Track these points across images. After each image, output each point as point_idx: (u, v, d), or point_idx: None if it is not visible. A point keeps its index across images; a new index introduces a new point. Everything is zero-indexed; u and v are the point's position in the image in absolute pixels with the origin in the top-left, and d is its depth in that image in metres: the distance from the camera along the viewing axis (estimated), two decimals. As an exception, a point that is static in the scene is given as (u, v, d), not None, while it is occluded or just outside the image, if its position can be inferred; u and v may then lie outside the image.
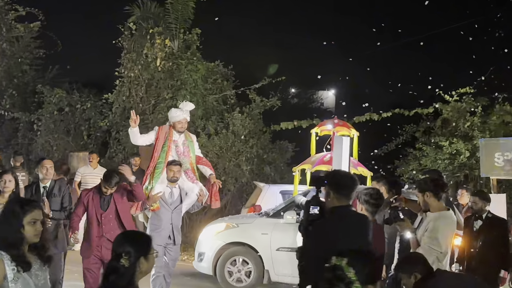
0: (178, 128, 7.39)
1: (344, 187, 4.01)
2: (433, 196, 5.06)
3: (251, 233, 8.86)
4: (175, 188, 7.21)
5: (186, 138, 7.49)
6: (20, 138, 16.08)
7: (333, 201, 3.99)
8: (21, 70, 17.65)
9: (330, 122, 11.39)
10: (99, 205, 6.43)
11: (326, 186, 4.06)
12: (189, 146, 7.45)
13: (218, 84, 15.35)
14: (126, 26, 14.95)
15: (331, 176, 4.16)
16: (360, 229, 4.04)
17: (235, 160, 13.60)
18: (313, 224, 4.01)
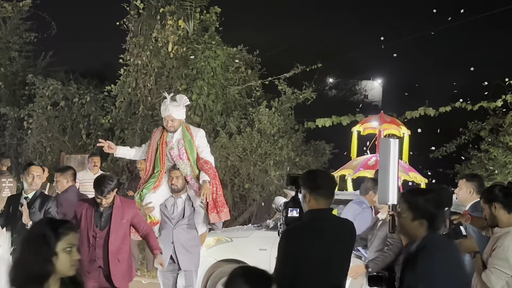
0: (165, 126, 7.17)
1: (321, 188, 4.18)
2: (502, 208, 5.03)
3: (247, 249, 8.74)
4: (179, 199, 7.05)
5: (183, 137, 7.16)
6: (7, 138, 16.35)
7: (311, 203, 4.17)
8: (9, 57, 18.01)
9: (375, 119, 11.46)
10: (92, 221, 6.08)
11: (302, 187, 4.25)
12: (187, 146, 7.10)
13: (241, 73, 15.44)
14: (132, 5, 15.13)
15: (306, 176, 4.32)
16: (341, 235, 4.21)
17: (262, 164, 13.68)
18: (284, 229, 4.20)
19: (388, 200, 5.23)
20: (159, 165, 7.04)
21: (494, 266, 4.82)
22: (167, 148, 7.07)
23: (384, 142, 5.35)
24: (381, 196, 5.33)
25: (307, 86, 15.06)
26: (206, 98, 14.42)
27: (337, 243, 4.15)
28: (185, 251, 6.99)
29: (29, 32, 18.43)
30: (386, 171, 5.28)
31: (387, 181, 5.26)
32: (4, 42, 17.95)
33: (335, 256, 4.13)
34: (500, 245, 4.88)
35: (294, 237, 4.08)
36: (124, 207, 6.19)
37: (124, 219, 6.15)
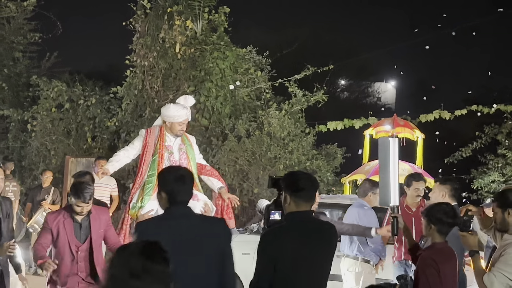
0: (177, 130, 6.98)
1: (302, 190, 4.20)
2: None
3: None
4: None
5: (183, 142, 7.10)
6: (10, 141, 16.45)
7: (291, 205, 4.20)
8: (13, 58, 18.14)
9: (388, 122, 11.46)
10: (73, 234, 5.75)
11: (283, 189, 4.28)
12: (187, 152, 7.07)
13: (250, 75, 15.47)
14: (139, 5, 15.22)
15: (287, 178, 4.35)
16: (321, 238, 4.24)
17: (271, 168, 13.69)
18: (263, 232, 4.25)
19: (390, 201, 5.22)
20: (156, 169, 6.75)
21: (500, 270, 4.82)
22: (167, 152, 6.93)
23: (383, 142, 5.34)
24: (382, 198, 5.33)
25: (318, 88, 15.06)
26: (215, 100, 14.46)
27: (317, 246, 4.17)
28: None
29: (34, 32, 18.57)
30: (387, 171, 5.26)
31: (387, 182, 5.26)
32: (8, 42, 18.09)
33: (315, 259, 4.16)
34: (510, 252, 4.85)
35: (273, 240, 4.12)
36: (99, 215, 5.93)
37: (101, 229, 5.90)
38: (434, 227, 4.82)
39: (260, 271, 4.10)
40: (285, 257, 4.04)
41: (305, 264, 4.10)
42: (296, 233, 4.14)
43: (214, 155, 13.94)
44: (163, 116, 7.08)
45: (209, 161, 14.02)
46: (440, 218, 4.82)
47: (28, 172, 15.84)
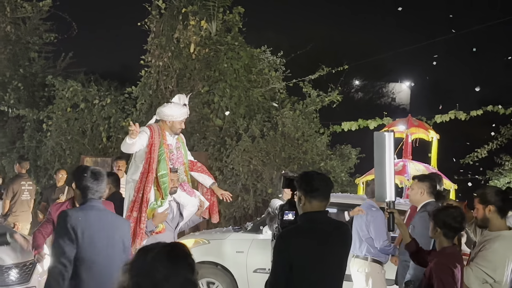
0: (177, 129, 7.00)
1: (316, 191, 4.22)
2: (497, 212, 5.11)
3: (224, 251, 8.97)
4: (172, 201, 6.99)
5: (179, 140, 7.16)
6: (26, 140, 16.57)
7: (306, 206, 4.23)
8: (28, 58, 18.28)
9: (403, 122, 11.42)
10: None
11: (297, 189, 4.31)
12: (183, 150, 7.17)
13: (264, 75, 15.50)
14: (154, 5, 15.28)
15: (301, 178, 4.37)
16: (336, 238, 4.26)
17: (285, 169, 13.69)
18: (279, 232, 4.28)
19: (386, 197, 5.21)
20: (166, 168, 6.78)
21: (477, 265, 4.89)
22: (168, 151, 6.94)
23: (378, 137, 5.30)
24: (378, 193, 5.31)
25: (332, 89, 15.06)
26: (229, 100, 14.49)
27: (332, 246, 4.20)
28: None
29: (49, 33, 18.71)
30: (382, 167, 5.21)
31: (383, 177, 5.22)
32: (24, 42, 18.23)
33: (330, 259, 4.18)
34: (489, 248, 4.95)
35: (288, 240, 4.14)
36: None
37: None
38: (440, 231, 4.79)
39: (276, 271, 4.12)
40: (301, 257, 4.06)
41: (321, 264, 4.13)
42: (311, 234, 4.16)
43: (228, 155, 13.97)
44: (163, 115, 7.02)
45: (223, 161, 14.09)
46: (447, 222, 4.80)
47: (44, 171, 15.94)
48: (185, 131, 14.52)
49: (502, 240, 4.99)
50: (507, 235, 5.05)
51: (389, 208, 5.20)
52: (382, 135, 5.26)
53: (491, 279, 4.88)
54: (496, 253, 4.93)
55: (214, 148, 14.45)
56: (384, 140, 5.23)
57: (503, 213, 5.14)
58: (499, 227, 5.08)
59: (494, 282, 4.89)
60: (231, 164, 13.85)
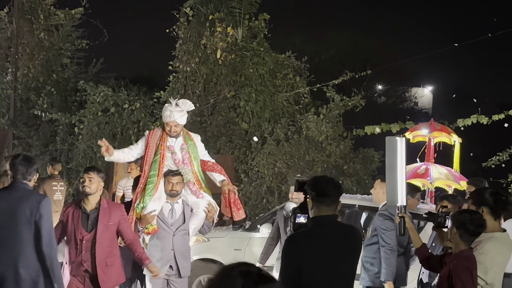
0: (167, 130, 6.87)
1: (324, 195, 4.17)
2: (489, 213, 5.00)
3: (222, 249, 9.04)
4: (177, 204, 6.83)
5: (186, 141, 6.95)
6: (59, 143, 16.71)
7: (315, 210, 4.19)
8: (61, 64, 18.47)
9: (425, 126, 11.33)
10: (79, 223, 5.89)
11: (308, 193, 4.26)
12: (190, 151, 6.92)
13: (289, 80, 15.50)
14: (182, 12, 15.37)
15: (311, 182, 4.32)
16: (345, 242, 4.20)
17: (309, 171, 13.68)
18: (288, 235, 4.23)
19: (397, 201, 5.13)
20: (157, 169, 6.76)
21: None
22: (170, 152, 6.83)
23: (390, 141, 5.22)
24: (389, 197, 5.23)
25: (356, 93, 15.01)
26: (254, 104, 14.51)
27: (342, 250, 4.15)
28: (183, 258, 6.82)
29: (81, 39, 18.88)
30: (394, 171, 5.13)
31: (395, 181, 5.14)
32: (57, 49, 18.42)
33: (339, 263, 4.13)
34: (480, 249, 4.84)
35: (297, 244, 4.10)
36: (111, 210, 6.01)
37: (111, 222, 5.96)
38: (457, 232, 4.69)
39: (284, 275, 4.07)
40: (310, 261, 4.01)
41: (330, 267, 4.08)
42: (320, 237, 4.11)
43: (254, 158, 13.98)
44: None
45: (249, 163, 14.10)
46: (465, 225, 4.68)
47: (75, 173, 16.05)
48: (212, 135, 14.72)
49: (494, 241, 4.88)
50: (499, 237, 4.96)
51: (400, 212, 5.13)
52: (394, 140, 5.19)
53: (482, 281, 4.76)
54: (487, 254, 4.82)
55: (240, 151, 14.47)
56: (396, 144, 5.16)
57: (496, 214, 5.05)
58: (492, 229, 4.95)
59: (486, 284, 4.79)
60: (256, 166, 13.86)
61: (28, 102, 17.65)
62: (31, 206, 5.23)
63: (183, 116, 6.81)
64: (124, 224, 6.12)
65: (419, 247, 5.14)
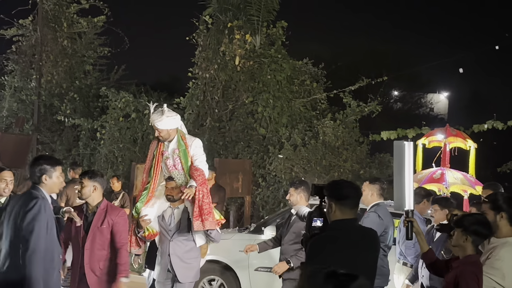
0: (155, 135, 6.84)
1: (347, 198, 4.17)
2: (507, 219, 4.93)
3: (227, 250, 9.05)
4: (177, 209, 6.73)
5: (178, 147, 6.76)
6: (81, 148, 16.86)
7: (336, 213, 4.16)
8: (84, 71, 18.66)
9: (441, 132, 11.27)
10: (81, 225, 5.86)
11: (326, 197, 4.25)
12: (181, 155, 6.73)
13: (306, 86, 15.51)
14: (201, 20, 15.44)
15: (330, 186, 4.32)
16: (366, 244, 4.21)
17: (326, 176, 13.66)
18: (312, 239, 4.18)
19: (405, 205, 5.09)
20: (152, 175, 6.74)
21: (486, 274, 4.69)
22: (163, 158, 6.74)
23: (398, 146, 5.16)
24: (396, 202, 5.20)
25: (372, 99, 14.97)
26: (272, 110, 14.53)
27: (363, 253, 4.16)
28: (182, 263, 6.65)
29: (103, 47, 19.05)
30: (401, 175, 5.06)
31: (402, 186, 5.09)
32: (80, 56, 18.60)
33: (361, 266, 4.10)
34: (496, 255, 4.75)
35: (321, 247, 4.10)
36: (108, 212, 5.92)
37: (104, 225, 5.85)
38: (470, 239, 4.57)
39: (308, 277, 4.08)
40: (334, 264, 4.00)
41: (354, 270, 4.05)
42: (343, 241, 4.12)
43: (271, 163, 13.98)
44: None
45: (266, 168, 14.11)
46: (476, 230, 4.59)
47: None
48: (230, 140, 14.75)
49: (509, 246, 4.78)
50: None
51: (407, 217, 5.10)
52: (402, 144, 5.14)
53: (500, 286, 4.69)
54: (503, 260, 4.72)
55: (258, 156, 14.49)
56: (403, 149, 5.11)
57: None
58: (506, 234, 4.87)
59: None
60: (273, 171, 13.86)
61: (51, 108, 17.83)
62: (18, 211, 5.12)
63: (162, 121, 6.61)
64: (117, 228, 5.94)
65: (426, 251, 5.11)
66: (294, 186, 7.01)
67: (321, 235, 4.24)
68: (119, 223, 5.99)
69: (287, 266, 6.66)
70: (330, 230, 4.21)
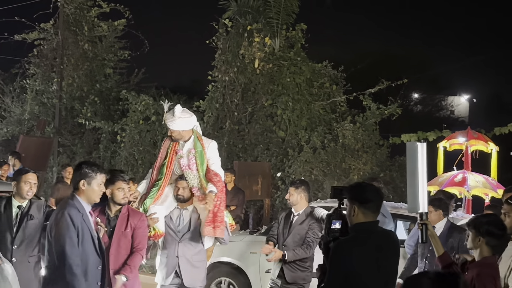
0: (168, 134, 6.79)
1: (370, 201, 4.13)
2: None
3: (239, 252, 9.00)
4: (185, 211, 6.63)
5: (195, 147, 6.67)
6: (102, 151, 16.94)
7: (358, 217, 4.12)
8: (104, 74, 18.73)
9: (462, 134, 11.16)
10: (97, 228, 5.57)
11: (348, 200, 4.19)
12: (197, 156, 6.63)
13: (325, 89, 15.44)
14: (221, 23, 15.44)
15: (353, 189, 4.27)
16: (388, 247, 4.17)
17: (345, 179, 13.59)
18: (335, 242, 4.13)
19: (419, 208, 4.98)
20: (164, 173, 6.61)
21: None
22: (177, 156, 6.64)
23: (411, 147, 5.04)
24: (410, 204, 5.08)
25: (392, 102, 14.88)
26: (291, 113, 14.49)
27: (386, 255, 4.13)
28: (190, 266, 6.55)
29: (123, 50, 19.13)
30: (415, 177, 4.94)
31: (416, 188, 4.97)
32: (100, 59, 18.68)
33: (385, 268, 4.11)
34: None
35: (346, 250, 4.06)
36: (130, 217, 5.88)
37: (128, 229, 5.81)
38: (483, 240, 4.48)
39: (333, 281, 4.04)
40: (358, 267, 3.99)
41: (377, 273, 4.05)
42: (367, 243, 4.09)
43: (290, 166, 13.94)
44: None
45: (286, 171, 14.06)
46: (490, 231, 4.48)
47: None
48: (249, 142, 14.73)
49: None
50: None
51: (421, 219, 5.00)
52: (415, 145, 5.04)
53: None
54: None
55: (277, 158, 14.45)
56: (416, 150, 5.01)
57: None
58: None
59: None
60: (293, 174, 13.81)
61: (72, 111, 17.94)
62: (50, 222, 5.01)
63: (174, 122, 6.52)
64: (138, 233, 5.92)
65: (441, 254, 5.02)
66: (295, 186, 6.95)
67: (345, 238, 4.19)
68: (141, 227, 5.97)
69: (280, 257, 6.75)
70: (354, 233, 4.16)
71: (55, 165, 16.96)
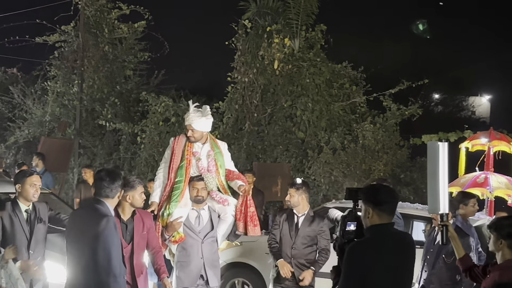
0: (187, 135, 6.64)
1: (385, 203, 4.07)
2: None
3: (254, 253, 8.93)
4: (203, 210, 6.57)
5: (213, 149, 6.64)
6: (122, 152, 16.99)
7: (373, 218, 4.06)
8: (124, 76, 18.81)
9: (484, 135, 11.02)
10: (120, 234, 5.38)
11: (363, 202, 4.13)
12: (217, 158, 6.61)
13: (345, 90, 15.37)
14: (240, 24, 15.42)
15: (368, 191, 4.21)
16: (403, 249, 4.12)
17: (365, 180, 13.51)
18: (350, 244, 4.09)
19: (439, 209, 4.87)
20: (183, 175, 6.50)
21: None
22: (194, 158, 6.56)
23: (432, 146, 4.92)
24: (431, 205, 4.97)
25: (413, 102, 14.79)
26: (311, 114, 14.44)
27: (401, 257, 4.08)
28: (213, 266, 6.53)
29: (143, 52, 19.19)
30: (436, 178, 4.81)
31: (437, 188, 4.85)
32: (120, 61, 18.76)
33: (401, 270, 4.07)
34: None
35: (361, 253, 4.01)
36: (143, 218, 5.79)
37: (144, 231, 5.75)
38: (505, 242, 4.41)
39: (346, 284, 4.00)
40: (373, 269, 3.94)
41: (393, 275, 4.00)
42: (382, 246, 4.04)
43: (310, 167, 13.88)
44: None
45: (305, 172, 14.00)
46: (510, 233, 4.42)
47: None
48: (269, 143, 14.69)
49: None
50: None
51: (442, 220, 4.91)
52: (436, 145, 4.92)
53: None
54: None
55: (297, 159, 14.41)
56: (437, 150, 4.89)
57: None
58: None
59: None
60: (312, 175, 13.75)
61: (93, 112, 18.02)
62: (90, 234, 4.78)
63: (201, 122, 6.55)
64: (153, 233, 5.93)
65: (462, 256, 4.93)
66: (295, 187, 6.86)
67: (360, 240, 4.15)
68: (152, 226, 5.95)
69: (312, 274, 6.65)
70: (369, 235, 4.11)
71: (75, 167, 17.05)
